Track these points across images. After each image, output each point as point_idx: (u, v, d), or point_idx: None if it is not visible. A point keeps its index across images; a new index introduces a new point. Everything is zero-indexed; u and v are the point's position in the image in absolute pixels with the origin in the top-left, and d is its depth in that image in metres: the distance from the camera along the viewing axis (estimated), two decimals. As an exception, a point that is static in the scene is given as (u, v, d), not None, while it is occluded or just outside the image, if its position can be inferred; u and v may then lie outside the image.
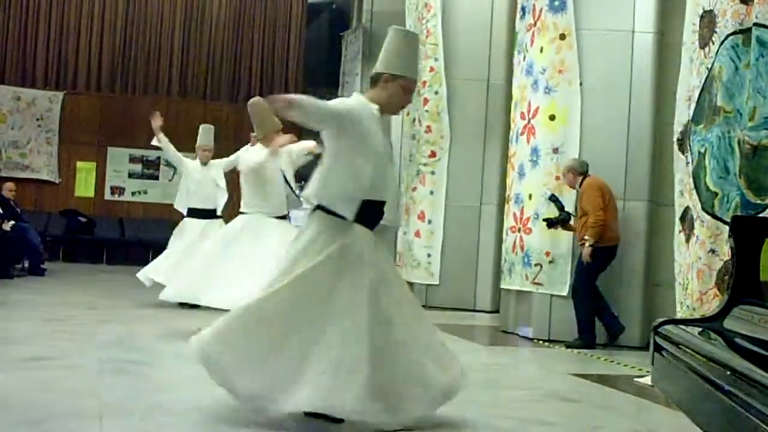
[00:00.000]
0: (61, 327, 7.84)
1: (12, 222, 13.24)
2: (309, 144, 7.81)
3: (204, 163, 10.19)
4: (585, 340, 8.42)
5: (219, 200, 10.27)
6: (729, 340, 3.16)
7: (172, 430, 4.27)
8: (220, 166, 9.98)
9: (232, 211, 10.51)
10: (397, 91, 4.59)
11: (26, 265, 13.62)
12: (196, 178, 10.21)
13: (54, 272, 13.86)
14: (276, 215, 7.88)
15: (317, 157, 7.71)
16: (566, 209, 8.54)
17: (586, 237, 8.29)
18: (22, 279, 12.64)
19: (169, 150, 10.07)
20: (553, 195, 8.66)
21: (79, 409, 4.53)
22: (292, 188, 7.71)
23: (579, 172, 8.52)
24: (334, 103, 4.60)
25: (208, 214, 10.24)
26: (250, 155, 8.16)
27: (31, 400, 4.70)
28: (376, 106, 4.56)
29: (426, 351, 4.57)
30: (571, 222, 8.57)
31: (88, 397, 4.82)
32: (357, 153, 4.44)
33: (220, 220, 10.15)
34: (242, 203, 8.02)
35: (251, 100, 7.83)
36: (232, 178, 9.26)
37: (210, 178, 10.17)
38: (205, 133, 10.32)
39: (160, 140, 9.92)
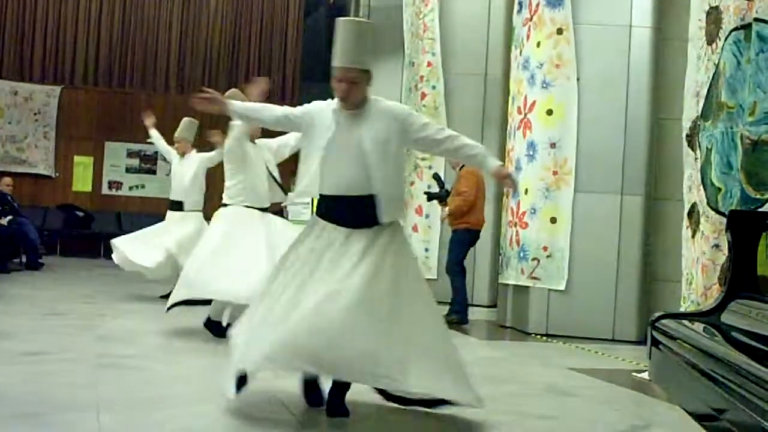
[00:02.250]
0: (58, 321, 7.84)
1: (9, 217, 13.25)
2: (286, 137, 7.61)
3: (181, 156, 10.17)
4: (460, 316, 9.25)
5: (186, 195, 10.15)
6: (726, 335, 3.16)
7: (169, 424, 4.27)
8: (199, 160, 10.00)
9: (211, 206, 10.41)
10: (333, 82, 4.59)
11: (23, 259, 13.61)
12: (174, 171, 10.27)
13: (51, 267, 13.87)
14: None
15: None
16: (446, 187, 9.60)
17: (448, 209, 9.41)
18: (19, 273, 12.64)
19: (160, 143, 10.49)
20: (436, 173, 9.82)
21: (76, 402, 4.53)
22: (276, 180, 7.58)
23: None
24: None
25: (177, 206, 10.18)
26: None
27: (29, 393, 4.71)
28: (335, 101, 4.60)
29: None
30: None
31: (86, 391, 4.82)
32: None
33: (196, 214, 10.12)
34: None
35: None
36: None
37: (180, 172, 10.16)
38: (184, 126, 10.23)
39: (152, 135, 10.44)
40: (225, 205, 7.41)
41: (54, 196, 18.13)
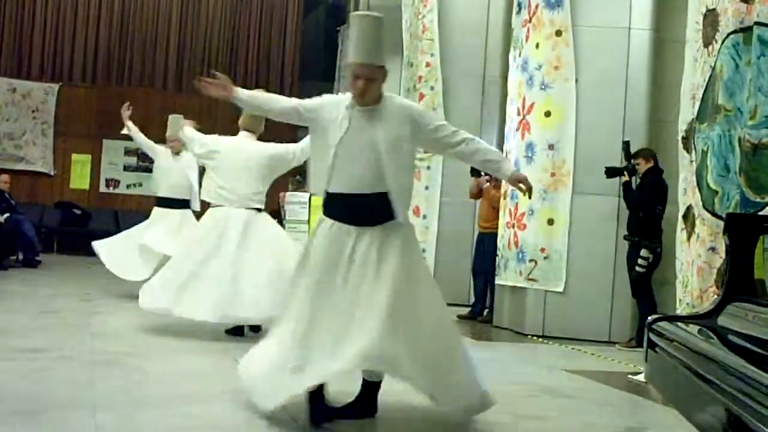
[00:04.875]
0: (55, 319, 7.84)
1: (6, 214, 13.23)
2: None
3: (176, 153, 10.07)
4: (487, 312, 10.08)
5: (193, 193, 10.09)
6: (722, 337, 3.16)
7: (164, 422, 4.27)
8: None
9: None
10: (349, 78, 4.52)
11: (20, 256, 13.60)
12: (164, 167, 10.17)
13: (48, 264, 13.85)
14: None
15: None
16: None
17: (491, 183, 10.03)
18: (16, 270, 12.63)
19: (139, 138, 10.22)
20: None
21: (72, 400, 4.53)
22: None
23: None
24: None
25: (178, 204, 10.14)
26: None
27: (25, 390, 4.70)
28: (349, 97, 4.50)
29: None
30: (485, 181, 10.14)
31: (82, 389, 4.82)
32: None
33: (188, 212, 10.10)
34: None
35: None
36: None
37: (179, 169, 10.07)
38: (174, 123, 10.11)
39: (130, 128, 10.10)
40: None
41: (51, 193, 18.12)
